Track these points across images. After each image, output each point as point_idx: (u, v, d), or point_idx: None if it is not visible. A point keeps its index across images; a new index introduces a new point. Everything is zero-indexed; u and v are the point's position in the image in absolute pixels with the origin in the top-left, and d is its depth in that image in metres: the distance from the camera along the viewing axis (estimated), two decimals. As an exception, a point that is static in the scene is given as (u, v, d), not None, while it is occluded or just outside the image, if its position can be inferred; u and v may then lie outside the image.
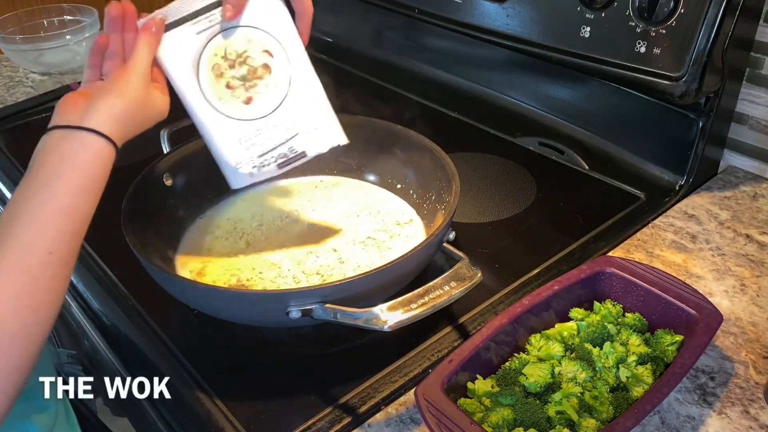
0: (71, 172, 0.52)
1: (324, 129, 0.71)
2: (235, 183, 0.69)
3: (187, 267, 0.75)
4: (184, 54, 0.64)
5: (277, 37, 0.68)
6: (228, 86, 0.66)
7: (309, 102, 0.70)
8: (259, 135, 0.68)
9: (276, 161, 0.69)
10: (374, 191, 0.88)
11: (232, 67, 0.66)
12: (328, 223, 0.81)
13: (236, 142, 0.67)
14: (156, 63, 0.63)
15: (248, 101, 0.67)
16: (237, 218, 0.82)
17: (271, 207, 0.84)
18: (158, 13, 0.63)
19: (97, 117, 0.55)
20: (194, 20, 0.64)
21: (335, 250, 0.77)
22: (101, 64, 0.61)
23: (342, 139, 0.72)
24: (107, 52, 0.61)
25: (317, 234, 0.80)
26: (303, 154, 0.71)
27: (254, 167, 0.68)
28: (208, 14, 0.64)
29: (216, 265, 0.75)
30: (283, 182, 0.88)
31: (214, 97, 0.66)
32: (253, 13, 0.66)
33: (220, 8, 0.64)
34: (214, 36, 0.65)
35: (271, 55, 0.68)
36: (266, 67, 0.68)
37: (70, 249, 0.51)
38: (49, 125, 0.55)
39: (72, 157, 0.53)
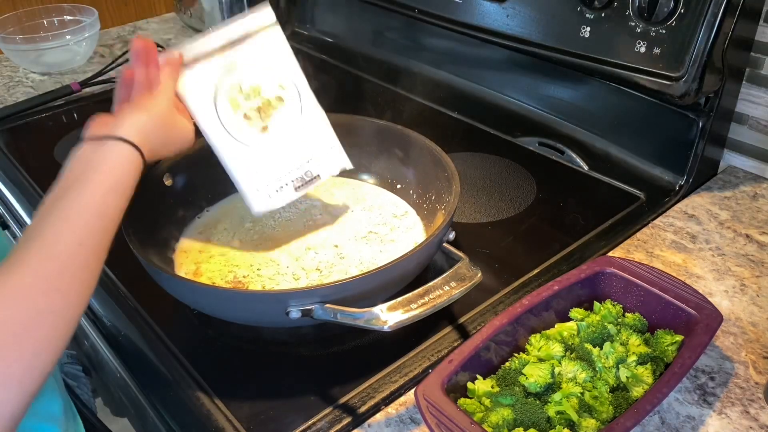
0: (99, 175, 0.55)
1: (333, 153, 0.77)
2: (256, 207, 0.73)
3: (184, 266, 0.75)
4: (202, 88, 0.69)
5: (285, 71, 0.73)
6: (245, 117, 0.71)
7: (318, 129, 0.76)
8: (275, 161, 0.73)
9: (293, 185, 0.74)
10: (361, 186, 0.88)
11: (248, 99, 0.71)
12: (323, 220, 0.82)
13: (255, 168, 0.72)
14: (177, 96, 0.67)
15: (264, 130, 0.72)
16: (230, 217, 0.82)
17: (243, 215, 0.84)
18: (175, 51, 0.67)
19: (123, 128, 0.59)
20: (210, 59, 0.69)
21: (336, 246, 0.77)
22: (128, 97, 0.64)
23: (348, 164, 0.78)
24: (135, 83, 0.64)
25: (314, 231, 0.80)
26: (317, 177, 0.76)
27: (273, 191, 0.73)
28: (222, 53, 0.70)
29: (212, 263, 0.75)
30: None
31: (233, 126, 0.70)
32: (262, 50, 0.72)
33: (233, 48, 0.70)
34: (230, 72, 0.70)
35: (283, 87, 0.73)
36: (279, 98, 0.73)
37: (100, 244, 0.52)
38: (79, 141, 0.58)
39: (99, 162, 0.56)
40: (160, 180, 0.79)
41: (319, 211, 0.83)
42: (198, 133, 0.69)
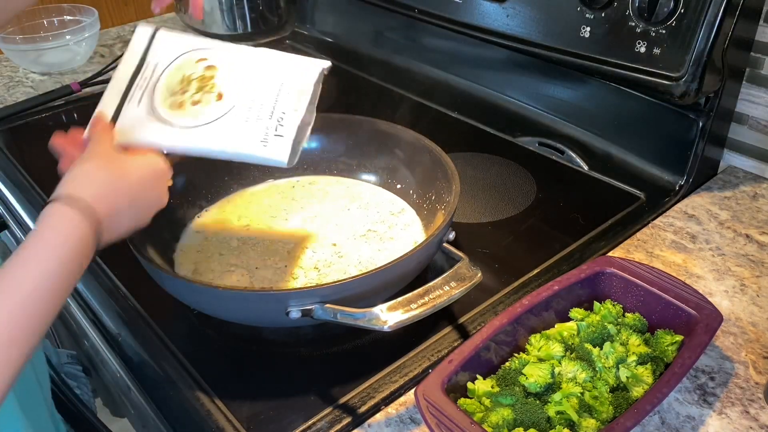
0: (23, 243, 0.47)
1: (302, 65, 0.70)
2: (280, 157, 0.65)
3: (183, 266, 0.75)
4: (140, 121, 0.65)
5: (194, 49, 0.69)
6: (194, 103, 0.66)
7: (269, 60, 0.70)
8: (255, 109, 0.67)
9: (291, 109, 0.67)
10: (354, 185, 0.88)
11: (185, 92, 0.67)
12: (320, 219, 0.82)
13: (243, 131, 0.66)
14: (127, 146, 0.62)
15: (219, 98, 0.67)
16: (229, 217, 0.83)
17: (258, 208, 0.84)
18: (94, 115, 0.63)
19: (57, 188, 0.51)
20: (128, 98, 0.66)
21: (334, 245, 0.77)
22: None
23: (324, 62, 0.71)
24: None
25: (311, 230, 0.80)
26: (305, 91, 0.69)
27: (276, 131, 0.66)
28: (133, 85, 0.66)
29: (211, 263, 0.75)
30: (260, 186, 0.88)
31: (193, 119, 0.65)
32: (163, 55, 0.68)
33: (141, 75, 0.66)
34: (152, 92, 0.66)
35: (204, 59, 0.69)
36: (209, 68, 0.69)
37: (12, 326, 0.43)
38: None
39: (30, 235, 0.48)
40: (160, 180, 0.79)
41: (315, 211, 0.83)
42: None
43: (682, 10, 0.78)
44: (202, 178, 0.83)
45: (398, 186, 0.86)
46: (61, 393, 0.72)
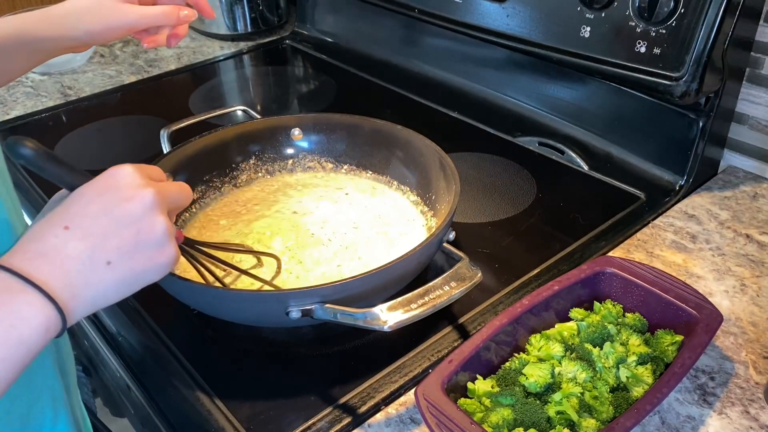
0: None
1: None
2: None
3: (181, 266, 0.75)
4: None
5: None
6: None
7: None
8: None
9: None
10: (354, 185, 0.88)
11: None
12: (321, 219, 0.81)
13: None
14: None
15: None
16: (225, 219, 0.82)
17: (257, 208, 0.84)
18: None
19: (22, 248, 0.42)
20: None
21: (334, 243, 0.77)
22: None
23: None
24: None
25: (313, 229, 0.80)
26: None
27: None
28: None
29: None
30: (260, 186, 0.88)
31: None
32: None
33: None
34: None
35: None
36: None
37: None
38: None
39: None
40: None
41: (315, 210, 0.83)
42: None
43: (682, 10, 0.78)
44: (203, 179, 0.83)
45: (398, 186, 0.86)
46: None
